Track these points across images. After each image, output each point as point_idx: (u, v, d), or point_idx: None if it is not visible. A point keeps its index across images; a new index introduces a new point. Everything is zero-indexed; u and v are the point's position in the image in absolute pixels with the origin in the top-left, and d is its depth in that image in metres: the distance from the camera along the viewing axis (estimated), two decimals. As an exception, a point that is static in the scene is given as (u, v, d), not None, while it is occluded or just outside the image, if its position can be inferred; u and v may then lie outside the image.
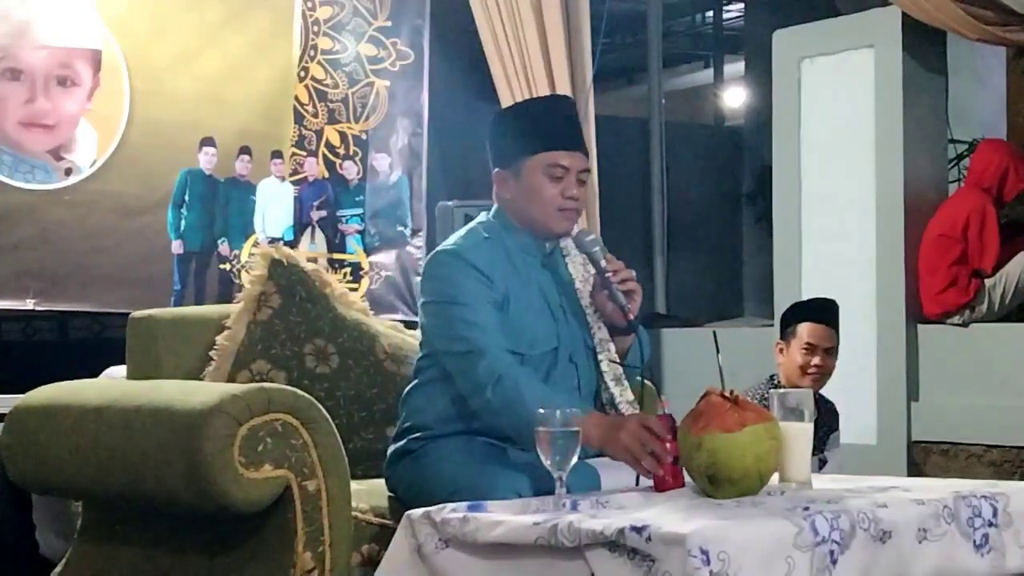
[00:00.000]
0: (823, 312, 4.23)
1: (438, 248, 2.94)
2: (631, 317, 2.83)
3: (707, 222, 9.80)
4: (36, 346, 6.32)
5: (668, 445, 2.48)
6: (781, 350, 4.24)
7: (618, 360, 2.92)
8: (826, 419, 4.27)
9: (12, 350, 6.16)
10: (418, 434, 2.92)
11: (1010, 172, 5.30)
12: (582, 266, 2.98)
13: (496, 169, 2.93)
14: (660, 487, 2.49)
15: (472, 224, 2.97)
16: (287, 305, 3.37)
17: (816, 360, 4.16)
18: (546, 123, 2.89)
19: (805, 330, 4.18)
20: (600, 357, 2.92)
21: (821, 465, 4.21)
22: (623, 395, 2.92)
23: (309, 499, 2.73)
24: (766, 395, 3.85)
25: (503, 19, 5.59)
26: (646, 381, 3.09)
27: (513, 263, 2.88)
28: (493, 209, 2.97)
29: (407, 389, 3.02)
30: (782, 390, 2.63)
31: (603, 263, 2.84)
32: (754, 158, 9.49)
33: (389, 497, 2.98)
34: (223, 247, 5.74)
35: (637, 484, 2.60)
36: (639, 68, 10.13)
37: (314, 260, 5.32)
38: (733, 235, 9.89)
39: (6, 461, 3.19)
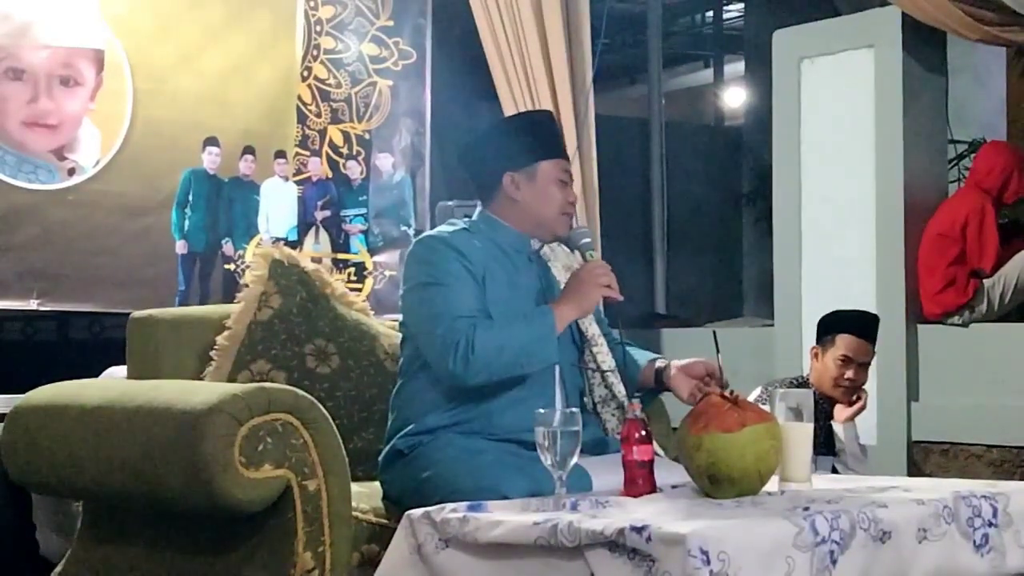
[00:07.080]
0: (864, 326, 4.16)
1: (421, 236, 3.06)
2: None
3: (707, 222, 9.80)
4: (36, 346, 6.31)
5: (639, 447, 2.47)
6: (816, 355, 4.18)
7: (604, 365, 3.02)
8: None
9: (12, 350, 6.15)
10: (407, 431, 2.93)
11: (1014, 176, 5.29)
12: (563, 269, 3.08)
13: (506, 172, 3.00)
14: (632, 492, 2.44)
15: (453, 221, 3.09)
16: (288, 305, 3.37)
17: (850, 374, 4.10)
18: (555, 134, 3.12)
19: (843, 342, 4.10)
20: (595, 350, 3.03)
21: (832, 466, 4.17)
22: (615, 388, 3.01)
23: (309, 499, 2.73)
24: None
25: (503, 19, 5.58)
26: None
27: (494, 253, 2.97)
28: (476, 213, 3.07)
29: (395, 389, 3.05)
30: (783, 390, 2.63)
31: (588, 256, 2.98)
32: (754, 158, 9.48)
33: (383, 499, 2.98)
34: (227, 247, 5.74)
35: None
36: (639, 68, 10.13)
37: (318, 260, 5.33)
38: (733, 235, 9.88)
39: (6, 461, 3.18)
